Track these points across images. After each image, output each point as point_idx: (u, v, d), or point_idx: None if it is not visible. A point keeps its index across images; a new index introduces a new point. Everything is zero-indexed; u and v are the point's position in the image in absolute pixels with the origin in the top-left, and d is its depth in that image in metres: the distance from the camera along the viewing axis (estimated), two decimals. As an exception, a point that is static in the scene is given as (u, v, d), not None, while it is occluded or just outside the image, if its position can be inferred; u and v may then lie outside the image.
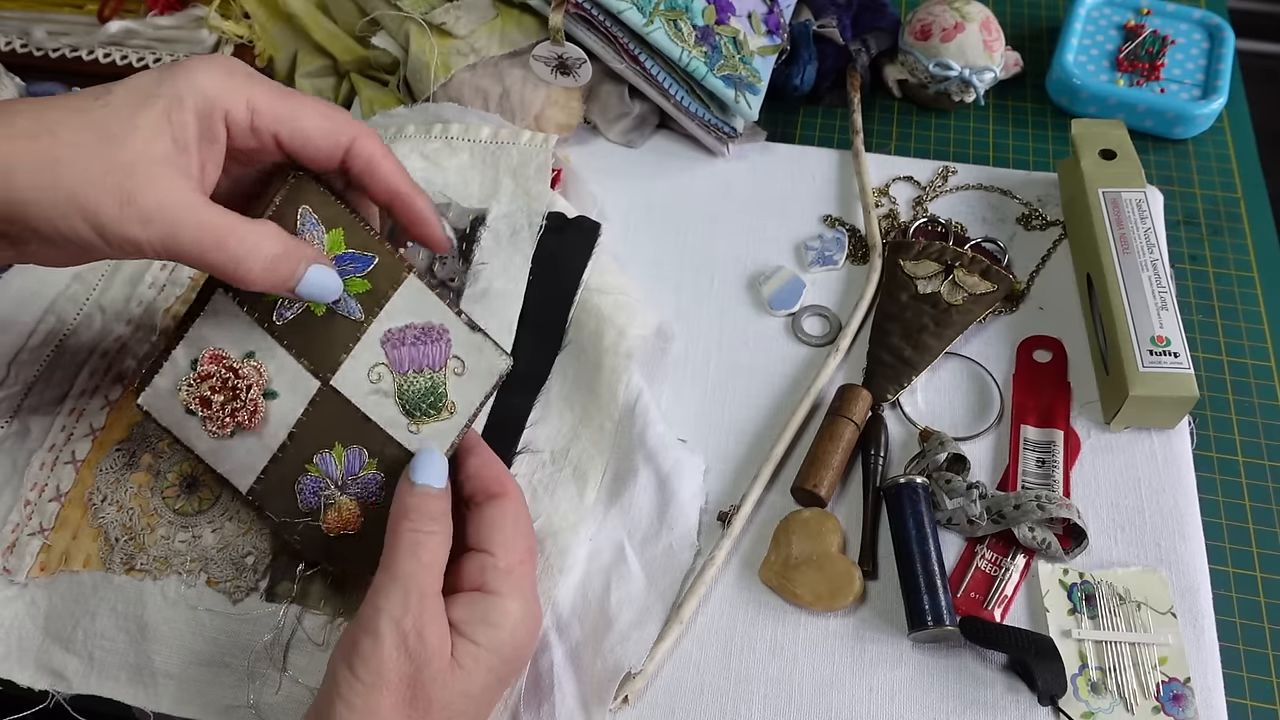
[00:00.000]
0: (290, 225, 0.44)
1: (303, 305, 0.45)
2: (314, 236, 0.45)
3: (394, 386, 0.46)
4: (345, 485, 0.46)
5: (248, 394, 0.45)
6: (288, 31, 0.75)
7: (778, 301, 0.65)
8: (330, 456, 0.46)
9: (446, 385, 0.47)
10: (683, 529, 0.54)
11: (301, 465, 0.46)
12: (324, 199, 0.45)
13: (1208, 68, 0.75)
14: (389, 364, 0.46)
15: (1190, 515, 0.55)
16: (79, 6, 0.76)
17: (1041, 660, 0.48)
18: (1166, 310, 0.57)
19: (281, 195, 0.44)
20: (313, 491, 0.46)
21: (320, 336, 0.45)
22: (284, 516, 0.46)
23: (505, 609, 0.43)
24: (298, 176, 0.45)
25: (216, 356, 0.45)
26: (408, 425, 0.47)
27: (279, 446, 0.45)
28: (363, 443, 0.46)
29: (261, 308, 0.45)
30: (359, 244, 0.46)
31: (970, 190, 0.70)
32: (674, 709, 0.50)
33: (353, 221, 0.46)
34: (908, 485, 0.54)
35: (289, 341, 0.45)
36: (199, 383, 0.45)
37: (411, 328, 0.46)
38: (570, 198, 0.67)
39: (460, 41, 0.68)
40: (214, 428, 0.45)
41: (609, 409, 0.56)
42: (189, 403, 0.45)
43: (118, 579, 0.51)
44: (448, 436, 0.47)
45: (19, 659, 0.51)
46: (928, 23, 0.74)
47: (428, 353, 0.47)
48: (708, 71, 0.67)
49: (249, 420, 0.45)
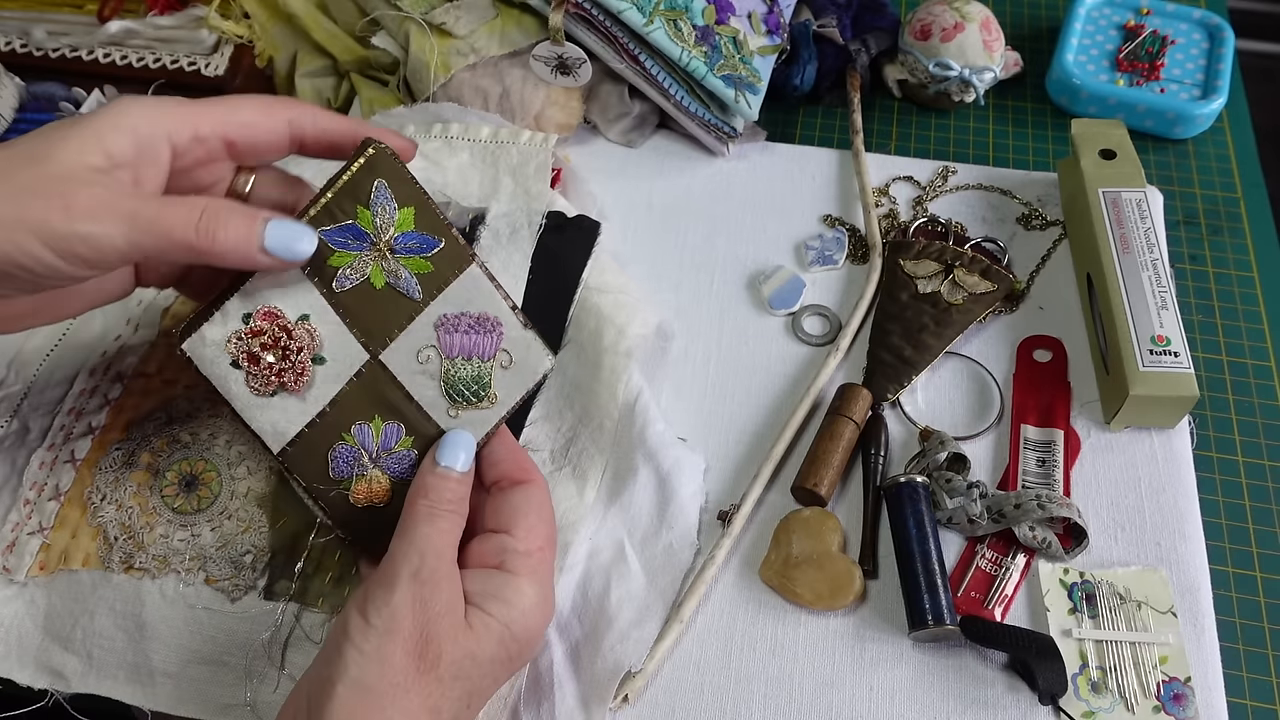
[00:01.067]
0: (364, 196, 0.44)
1: (363, 275, 0.45)
2: (387, 210, 0.45)
3: (440, 370, 0.47)
4: (378, 459, 0.46)
5: (298, 356, 0.45)
6: (288, 31, 0.75)
7: (778, 301, 0.64)
8: (369, 428, 0.46)
9: (492, 376, 0.47)
10: (683, 528, 0.54)
11: (338, 434, 0.46)
12: (401, 176, 0.45)
13: (1208, 68, 0.76)
14: (439, 348, 0.47)
15: (1190, 515, 0.55)
16: (79, 6, 0.76)
17: (1042, 659, 0.48)
18: (1166, 310, 0.57)
19: (359, 165, 0.44)
20: (346, 461, 0.46)
21: (376, 310, 0.46)
22: (314, 482, 0.46)
23: (520, 588, 0.44)
24: (376, 149, 0.45)
25: (271, 314, 0.44)
26: (447, 409, 0.47)
27: (318, 413, 0.45)
28: (401, 419, 0.46)
29: (324, 272, 0.45)
30: (428, 226, 0.46)
31: (970, 190, 0.70)
32: (674, 708, 0.50)
33: (427, 203, 0.46)
34: (908, 484, 0.54)
35: (345, 310, 0.45)
36: (250, 338, 0.44)
37: (467, 316, 0.47)
38: (570, 197, 0.67)
39: (460, 41, 0.68)
40: (257, 384, 0.45)
41: (609, 408, 0.56)
42: (237, 356, 0.44)
43: (116, 578, 0.51)
44: (484, 426, 0.48)
45: (18, 658, 0.51)
46: (928, 23, 0.74)
47: (479, 343, 0.47)
48: (708, 71, 0.67)
49: (294, 382, 0.45)
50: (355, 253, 0.45)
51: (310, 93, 0.76)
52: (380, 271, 0.45)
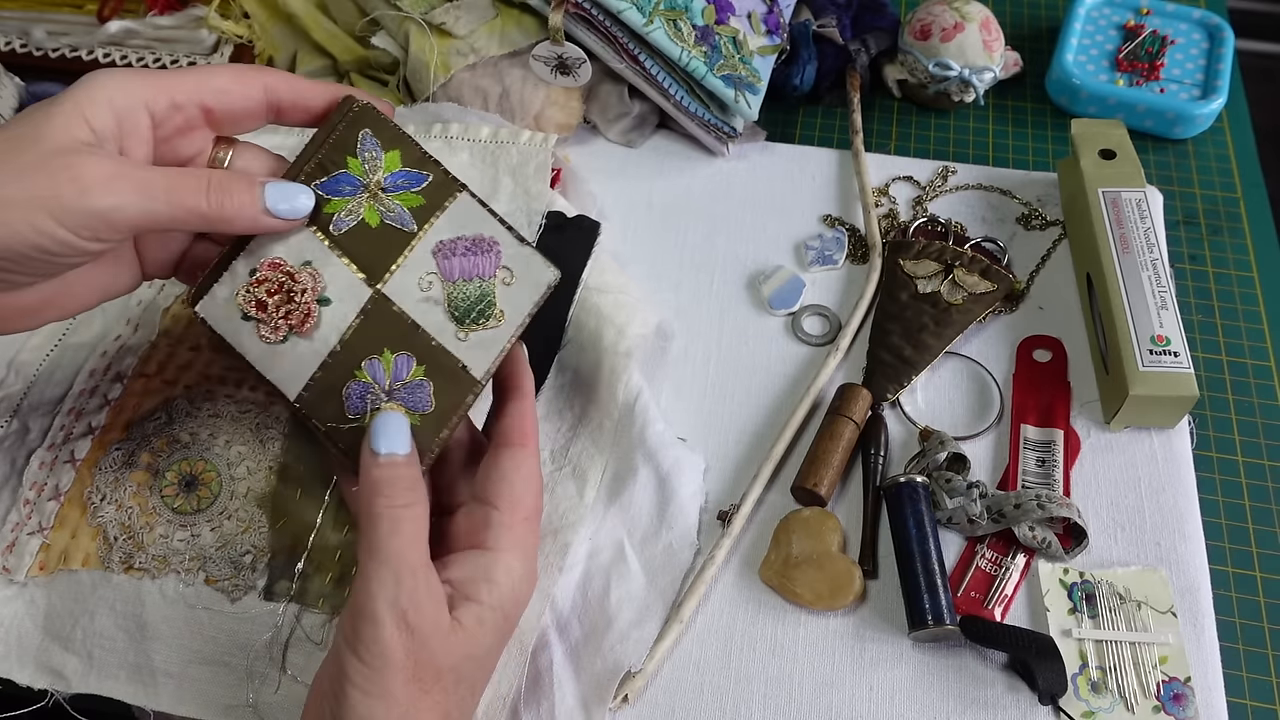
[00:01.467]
0: (351, 148, 0.47)
1: (358, 216, 0.47)
2: (373, 156, 0.47)
3: (444, 294, 0.47)
4: (393, 391, 0.46)
5: (302, 297, 0.46)
6: (288, 31, 0.75)
7: (778, 301, 0.65)
8: (379, 363, 0.46)
9: (496, 293, 0.48)
10: (682, 528, 0.54)
11: (350, 371, 0.46)
12: (383, 123, 0.48)
13: (1207, 68, 0.76)
14: (439, 273, 0.47)
15: (1190, 515, 0.55)
16: (79, 6, 0.76)
17: (1042, 659, 0.48)
18: (1166, 310, 0.57)
19: (345, 122, 0.47)
20: (359, 397, 0.46)
21: (374, 245, 0.47)
22: (331, 423, 0.46)
23: (507, 565, 0.44)
24: (359, 105, 0.48)
25: (274, 264, 0.46)
26: (456, 332, 0.47)
27: (329, 352, 0.46)
28: (412, 350, 0.47)
29: (321, 219, 0.47)
30: (414, 163, 0.48)
31: (970, 190, 0.70)
32: (674, 708, 0.50)
33: (411, 144, 0.48)
34: (908, 484, 0.54)
35: (344, 250, 0.47)
36: (257, 287, 0.46)
37: (462, 239, 0.48)
38: (570, 197, 0.67)
39: (460, 41, 0.68)
40: (267, 331, 0.46)
41: (608, 408, 0.56)
42: (245, 307, 0.46)
43: (116, 578, 0.51)
44: (496, 344, 0.48)
45: (18, 658, 0.51)
46: (927, 23, 0.74)
47: (478, 263, 0.48)
48: (707, 71, 0.67)
49: (302, 324, 0.46)
50: (349, 198, 0.47)
51: (310, 93, 0.76)
52: (374, 210, 0.47)
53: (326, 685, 0.41)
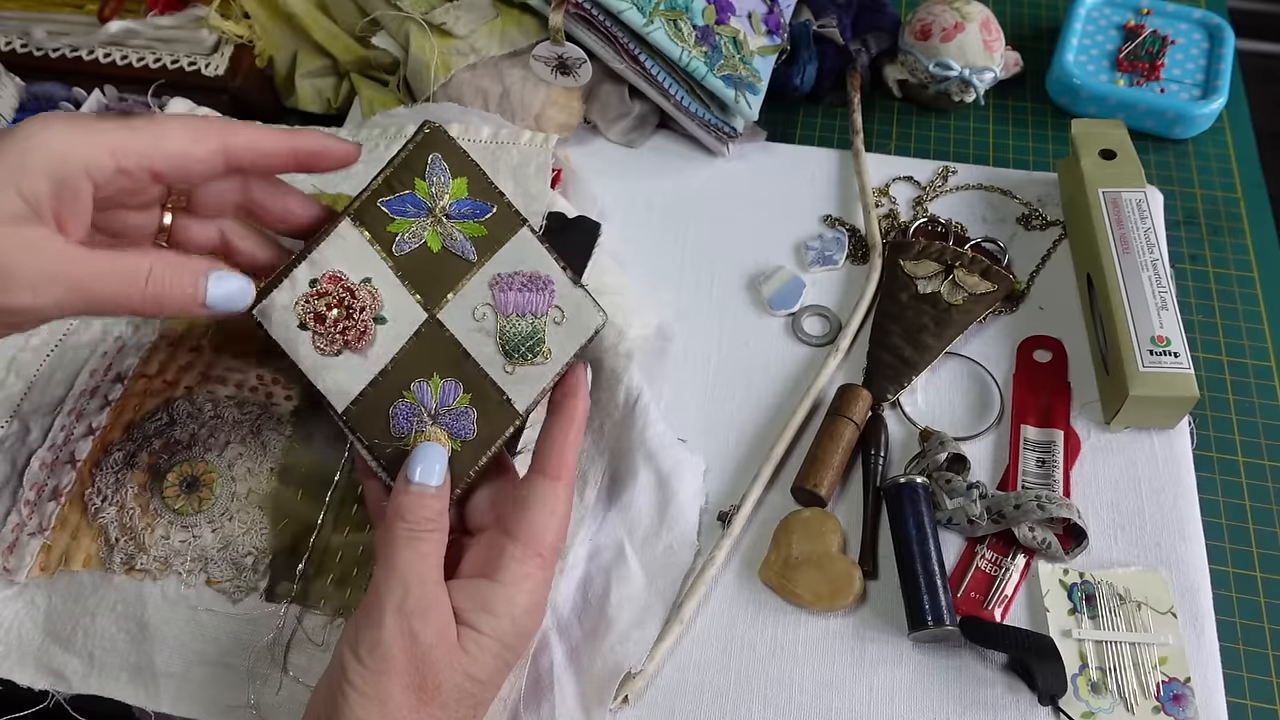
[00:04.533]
0: (420, 169, 0.48)
1: (420, 240, 0.48)
2: (441, 181, 0.48)
3: (496, 327, 0.48)
4: (438, 415, 0.47)
5: (360, 315, 0.47)
6: (288, 31, 0.75)
7: (778, 301, 0.65)
8: (427, 386, 0.47)
9: (546, 332, 0.48)
10: (683, 529, 0.54)
11: (399, 391, 0.47)
12: (454, 149, 0.49)
13: (1208, 68, 0.75)
14: (494, 305, 0.48)
15: (1190, 515, 0.55)
16: (79, 6, 0.76)
17: (1042, 660, 0.48)
18: (1166, 310, 0.57)
19: (416, 142, 0.48)
20: (406, 418, 0.47)
21: (434, 272, 0.48)
22: (374, 439, 0.47)
23: (509, 598, 0.43)
24: (432, 128, 0.48)
25: (335, 278, 0.47)
26: (504, 365, 0.48)
27: (380, 371, 0.47)
28: (460, 377, 0.48)
29: (384, 237, 0.47)
30: (480, 193, 0.49)
31: (970, 190, 0.70)
32: (674, 709, 0.50)
33: (479, 173, 0.49)
34: (908, 485, 0.54)
35: (404, 272, 0.48)
36: (316, 299, 0.47)
37: (519, 275, 0.49)
38: (570, 197, 0.67)
39: (460, 41, 0.68)
40: (322, 343, 0.47)
41: (608, 408, 0.56)
42: (304, 317, 0.47)
43: (117, 579, 0.51)
44: (539, 382, 0.48)
45: (19, 659, 0.51)
46: (928, 23, 0.74)
47: (532, 299, 0.49)
48: (708, 71, 0.67)
49: (357, 341, 0.47)
50: (413, 220, 0.48)
51: (310, 93, 0.76)
52: (437, 236, 0.48)
53: (324, 690, 0.41)
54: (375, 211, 0.47)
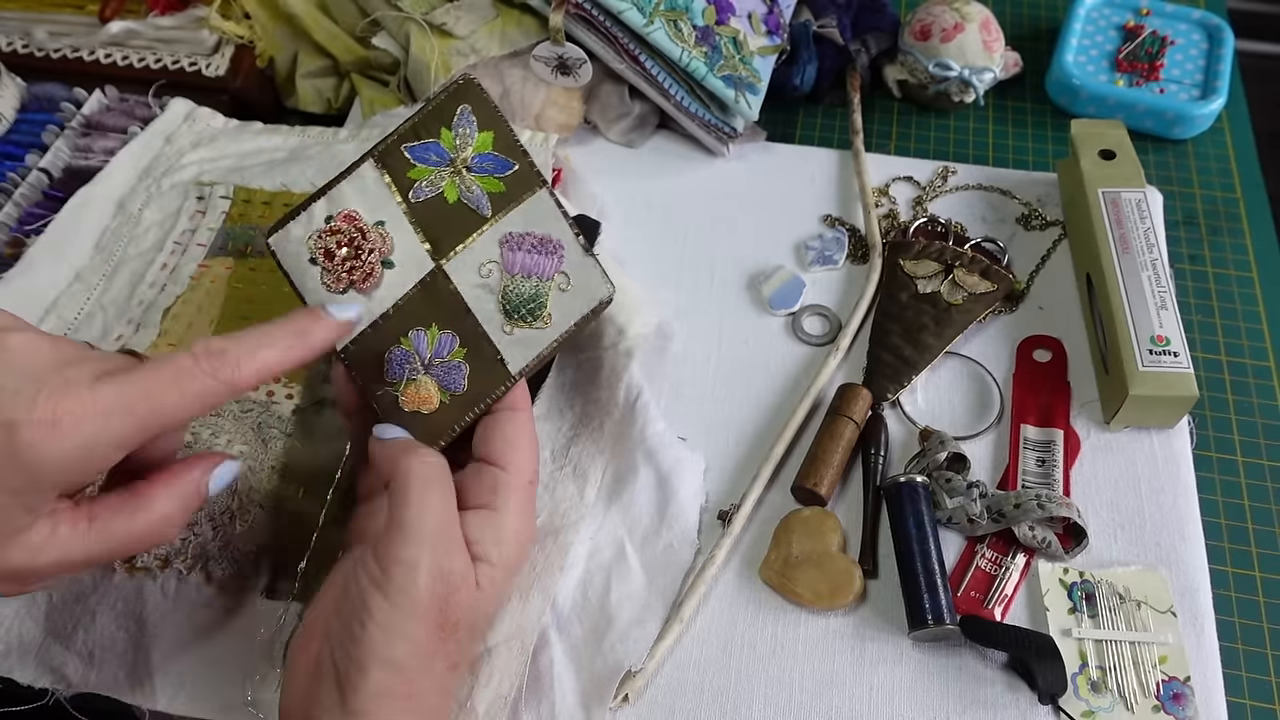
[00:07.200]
0: (448, 119, 0.48)
1: (438, 189, 0.48)
2: (467, 133, 0.48)
3: (500, 285, 0.48)
4: (430, 365, 0.48)
5: (368, 256, 0.47)
6: (288, 32, 0.75)
7: (778, 301, 0.65)
8: (425, 335, 0.48)
9: (549, 296, 0.49)
10: (683, 527, 0.54)
11: (396, 337, 0.48)
12: (485, 103, 0.49)
13: (1207, 68, 0.76)
14: (501, 263, 0.48)
15: (1190, 515, 0.55)
16: (80, 7, 0.76)
17: (1042, 659, 0.48)
18: (1166, 310, 0.58)
19: (447, 93, 0.48)
20: (400, 363, 0.48)
21: (447, 222, 0.48)
22: (368, 381, 0.48)
23: (515, 527, 0.45)
24: (466, 80, 0.49)
25: (350, 217, 0.47)
26: (503, 325, 0.48)
27: (381, 314, 0.48)
28: (458, 330, 0.48)
29: (403, 183, 0.48)
30: (505, 149, 0.49)
31: (970, 190, 0.70)
32: (674, 707, 0.50)
33: (506, 130, 0.49)
34: (908, 484, 0.54)
35: (417, 219, 0.48)
36: (329, 235, 0.47)
37: (531, 235, 0.49)
38: (570, 197, 0.67)
39: (460, 42, 0.68)
40: (329, 280, 0.47)
41: (609, 407, 0.56)
42: (314, 251, 0.47)
43: (117, 576, 0.51)
44: (537, 345, 0.49)
45: (19, 657, 0.51)
46: (927, 23, 0.74)
47: (540, 262, 0.49)
48: (708, 71, 0.67)
49: (363, 281, 0.47)
50: (434, 168, 0.48)
51: (311, 93, 0.76)
52: (454, 187, 0.48)
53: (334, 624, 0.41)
54: (399, 156, 0.48)
